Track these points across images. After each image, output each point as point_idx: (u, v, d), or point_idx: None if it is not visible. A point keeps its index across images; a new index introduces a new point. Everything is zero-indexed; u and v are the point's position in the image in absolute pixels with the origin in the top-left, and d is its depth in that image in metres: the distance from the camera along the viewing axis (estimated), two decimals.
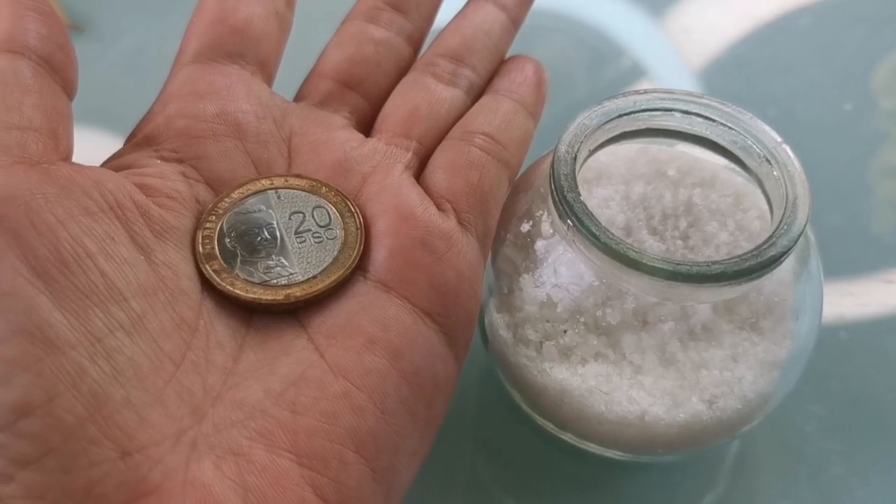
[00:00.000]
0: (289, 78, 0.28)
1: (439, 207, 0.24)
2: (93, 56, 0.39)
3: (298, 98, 0.28)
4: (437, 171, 0.25)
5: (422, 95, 0.27)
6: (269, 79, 0.27)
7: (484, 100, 0.28)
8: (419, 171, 0.26)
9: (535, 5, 0.31)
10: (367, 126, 0.28)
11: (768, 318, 0.24)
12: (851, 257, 0.34)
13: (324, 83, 0.28)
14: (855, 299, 0.32)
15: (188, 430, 0.19)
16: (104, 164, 0.24)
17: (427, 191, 0.25)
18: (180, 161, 0.24)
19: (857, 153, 0.38)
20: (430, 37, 0.30)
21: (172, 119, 0.24)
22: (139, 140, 0.24)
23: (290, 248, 0.23)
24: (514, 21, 0.30)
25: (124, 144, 0.25)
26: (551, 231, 0.24)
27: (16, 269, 0.18)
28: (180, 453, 0.19)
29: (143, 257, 0.21)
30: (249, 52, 0.26)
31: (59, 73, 0.22)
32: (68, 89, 0.23)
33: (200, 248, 0.23)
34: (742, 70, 0.42)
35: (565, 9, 0.44)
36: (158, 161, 0.24)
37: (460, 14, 0.30)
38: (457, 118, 0.27)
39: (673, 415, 0.23)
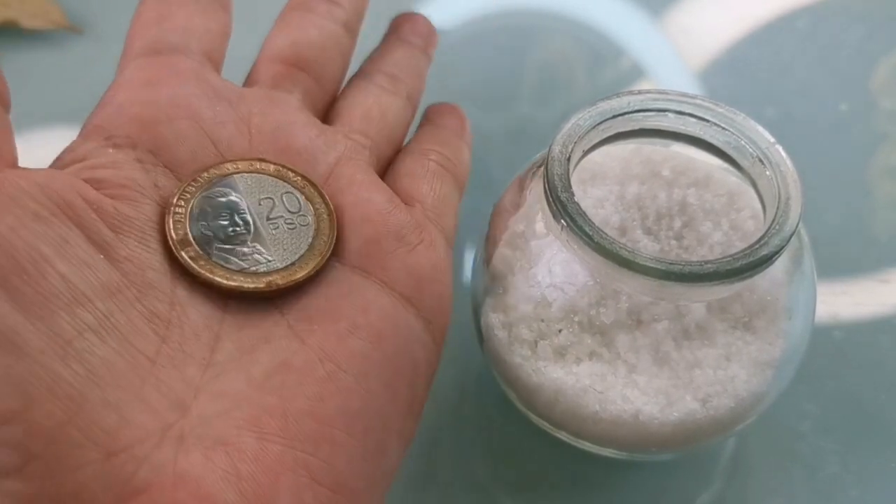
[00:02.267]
0: (232, 75, 0.28)
1: (408, 204, 0.26)
2: (91, 58, 0.39)
3: (248, 83, 0.28)
4: (403, 177, 0.27)
5: (372, 99, 0.29)
6: (216, 70, 0.27)
7: (427, 127, 0.30)
8: (381, 172, 0.27)
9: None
10: (319, 111, 0.28)
11: (761, 317, 0.24)
12: (847, 257, 0.34)
13: (272, 66, 0.28)
14: (850, 299, 0.32)
15: (173, 425, 0.19)
16: (54, 162, 0.23)
17: (396, 193, 0.26)
18: (133, 146, 0.23)
19: (856, 153, 0.38)
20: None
21: (124, 106, 0.24)
22: (89, 131, 0.24)
23: (264, 234, 0.23)
24: (425, 52, 0.32)
25: (76, 138, 0.24)
26: (545, 231, 0.25)
27: None
28: (167, 448, 0.19)
29: (101, 256, 0.20)
30: (193, 43, 0.26)
31: None
32: (2, 102, 0.22)
33: (173, 234, 0.22)
34: (741, 70, 0.42)
35: (564, 9, 0.44)
36: (111, 150, 0.23)
37: (382, 47, 0.32)
38: (403, 125, 0.29)
39: (667, 413, 0.23)
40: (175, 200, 0.23)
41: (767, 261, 0.22)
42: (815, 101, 0.40)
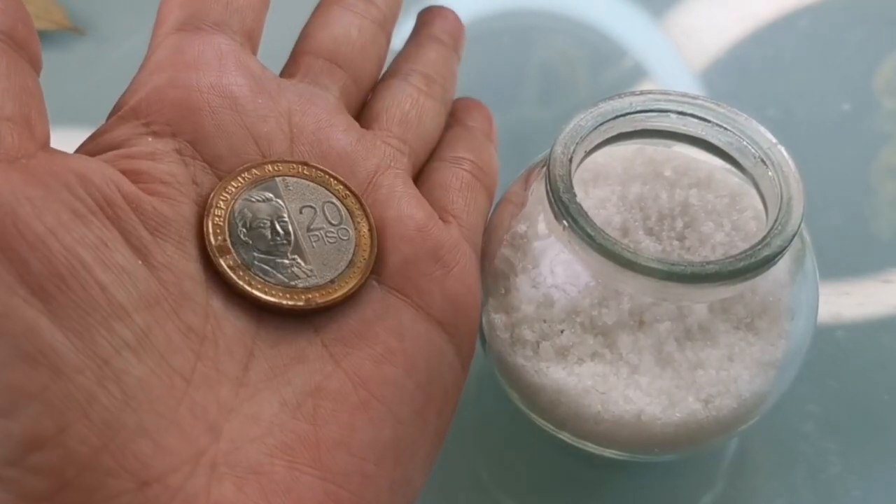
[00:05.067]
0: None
1: (443, 220, 0.25)
2: (95, 58, 0.39)
3: (286, 75, 0.27)
4: (436, 188, 0.26)
5: (409, 102, 0.28)
6: (254, 51, 0.26)
7: (457, 129, 0.29)
8: (414, 178, 0.27)
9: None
10: (354, 110, 0.28)
11: (764, 317, 0.24)
12: (849, 257, 0.34)
13: (313, 60, 0.27)
14: (852, 299, 0.32)
15: (206, 451, 0.19)
16: (89, 142, 0.22)
17: (430, 205, 0.26)
18: (174, 136, 0.22)
19: (858, 153, 0.38)
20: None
21: (163, 89, 0.23)
22: (126, 113, 0.22)
23: (304, 246, 0.23)
24: (456, 51, 0.32)
25: (108, 117, 0.23)
26: (547, 232, 0.25)
27: (10, 288, 0.17)
28: (200, 477, 0.18)
29: (140, 261, 0.19)
30: (235, 21, 0.25)
31: (23, 48, 0.20)
32: (35, 65, 0.21)
33: (212, 240, 0.21)
34: (743, 70, 0.42)
35: (567, 10, 0.44)
36: (150, 138, 0.22)
37: (414, 45, 0.31)
38: (438, 129, 0.29)
39: (669, 414, 0.23)
40: (215, 201, 0.22)
41: (769, 261, 0.22)
42: (817, 102, 0.40)
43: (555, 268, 0.24)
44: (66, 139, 0.24)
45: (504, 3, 0.44)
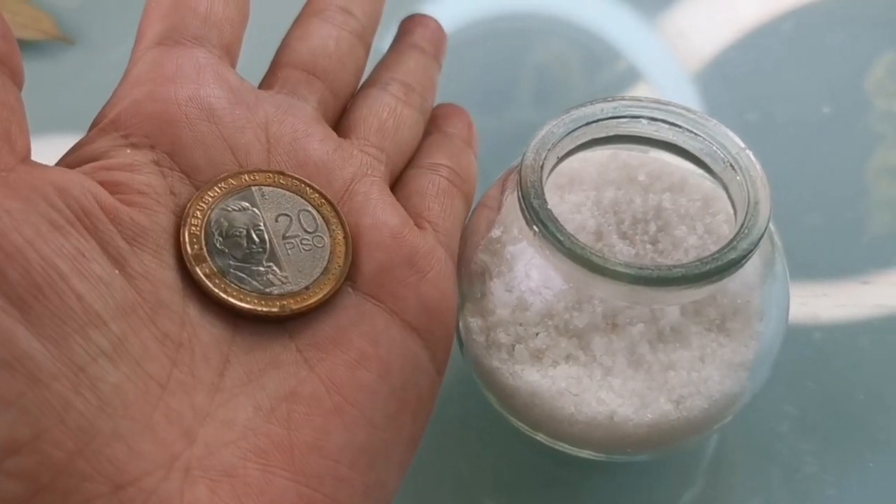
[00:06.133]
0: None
1: (419, 226, 0.26)
2: (83, 68, 0.39)
3: (265, 87, 0.27)
4: (413, 195, 0.27)
5: (387, 111, 0.28)
6: (232, 64, 0.27)
7: (436, 136, 0.30)
8: (392, 186, 0.27)
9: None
10: (332, 120, 0.28)
11: (735, 319, 0.24)
12: (828, 258, 0.34)
13: (291, 72, 0.27)
14: (830, 300, 0.33)
15: (180, 455, 0.19)
16: (69, 154, 0.23)
17: (407, 211, 0.26)
18: (151, 147, 0.23)
19: (842, 154, 0.38)
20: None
21: (142, 103, 0.23)
22: (105, 125, 0.23)
23: (279, 254, 0.23)
24: (436, 59, 0.32)
25: (89, 130, 0.23)
26: (521, 236, 0.25)
27: None
28: (174, 480, 0.19)
29: (117, 271, 0.20)
30: (213, 35, 0.26)
31: (4, 63, 0.21)
32: (16, 79, 0.21)
33: (189, 249, 0.22)
34: (738, 72, 0.42)
35: (560, 12, 0.44)
36: (128, 150, 0.22)
37: (394, 53, 0.31)
38: (416, 138, 0.29)
39: (641, 415, 0.24)
40: (191, 210, 0.22)
41: (736, 264, 0.22)
42: (799, 104, 0.40)
43: (529, 272, 0.25)
44: (55, 147, 0.24)
45: (499, 5, 0.45)
